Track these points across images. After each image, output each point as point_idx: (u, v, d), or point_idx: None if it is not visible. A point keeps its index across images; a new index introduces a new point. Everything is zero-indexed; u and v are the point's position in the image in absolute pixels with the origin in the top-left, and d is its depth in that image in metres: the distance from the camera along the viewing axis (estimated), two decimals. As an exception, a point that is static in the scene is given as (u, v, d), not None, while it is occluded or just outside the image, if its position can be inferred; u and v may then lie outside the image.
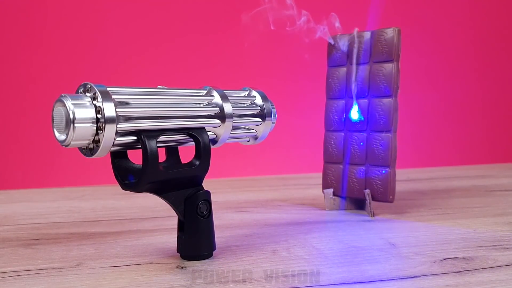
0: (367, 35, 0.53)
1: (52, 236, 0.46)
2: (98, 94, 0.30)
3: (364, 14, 0.57)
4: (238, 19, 0.87)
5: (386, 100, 0.51)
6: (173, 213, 0.37)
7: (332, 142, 0.55)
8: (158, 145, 0.34)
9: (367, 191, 0.51)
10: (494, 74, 1.00)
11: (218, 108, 0.38)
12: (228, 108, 0.38)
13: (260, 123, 0.42)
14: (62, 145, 0.31)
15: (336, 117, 0.55)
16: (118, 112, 0.31)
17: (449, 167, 0.94)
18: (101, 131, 0.30)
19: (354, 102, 0.53)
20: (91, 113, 0.30)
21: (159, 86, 0.37)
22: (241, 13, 0.88)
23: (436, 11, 0.96)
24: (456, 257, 0.37)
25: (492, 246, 0.40)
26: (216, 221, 0.39)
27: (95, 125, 0.30)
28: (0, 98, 0.78)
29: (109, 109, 0.30)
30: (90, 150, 0.32)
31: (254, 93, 0.42)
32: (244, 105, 0.41)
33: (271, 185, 0.76)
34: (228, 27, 0.86)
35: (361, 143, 0.53)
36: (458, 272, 0.34)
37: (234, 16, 0.87)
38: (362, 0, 0.63)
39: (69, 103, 0.30)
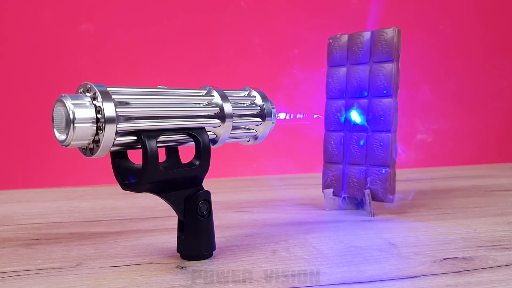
0: (367, 35, 0.53)
1: (52, 236, 0.46)
2: (98, 94, 0.30)
3: (364, 14, 0.57)
4: (238, 18, 0.87)
5: (386, 100, 0.51)
6: (173, 213, 0.37)
7: (332, 142, 0.55)
8: (158, 145, 0.34)
9: (367, 191, 0.51)
10: (494, 74, 1.00)
11: (218, 108, 0.38)
12: (228, 108, 0.38)
13: (260, 123, 0.42)
14: (62, 145, 0.31)
15: (336, 117, 0.55)
16: (118, 112, 0.31)
17: (449, 167, 0.94)
18: (101, 131, 0.30)
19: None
20: (91, 113, 0.30)
21: (159, 86, 0.37)
22: (241, 12, 0.88)
23: (436, 11, 0.96)
24: (456, 257, 0.37)
25: (492, 246, 0.40)
26: (216, 221, 0.39)
27: (95, 125, 0.31)
28: (0, 98, 0.78)
29: (109, 109, 0.30)
30: (90, 150, 0.32)
31: (254, 93, 0.42)
32: (244, 105, 0.41)
33: (271, 185, 0.76)
34: (228, 26, 0.86)
35: (361, 143, 0.53)
36: (458, 272, 0.34)
37: (234, 15, 0.87)
38: (362, 0, 0.63)
39: (69, 103, 0.30)
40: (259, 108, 0.42)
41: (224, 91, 0.39)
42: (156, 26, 0.83)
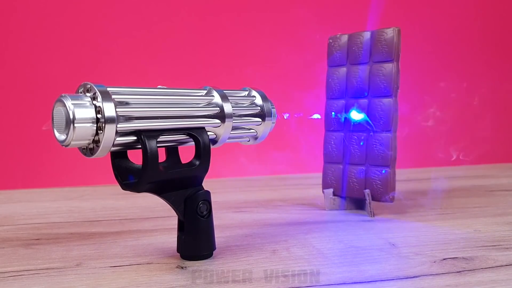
0: (367, 35, 0.53)
1: (52, 236, 0.46)
2: (98, 94, 0.30)
3: (364, 14, 0.57)
4: (238, 19, 0.87)
5: (386, 100, 0.51)
6: (173, 213, 0.37)
7: (332, 142, 0.55)
8: (158, 145, 0.34)
9: (367, 191, 0.51)
10: (494, 74, 1.00)
11: (218, 108, 0.38)
12: (228, 108, 0.38)
13: (260, 123, 0.42)
14: (62, 145, 0.31)
15: (336, 117, 0.55)
16: (118, 112, 0.31)
17: (449, 167, 0.94)
18: (101, 131, 0.30)
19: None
20: (91, 113, 0.30)
21: (159, 86, 0.37)
22: (241, 12, 0.88)
23: (437, 11, 0.96)
24: (456, 257, 0.37)
25: (492, 246, 0.40)
26: (216, 221, 0.39)
27: (95, 125, 0.30)
28: (0, 98, 0.78)
29: (109, 109, 0.30)
30: (90, 150, 0.32)
31: (254, 93, 0.42)
32: (244, 105, 0.41)
33: (271, 185, 0.76)
34: (228, 26, 0.86)
35: (361, 143, 0.53)
36: (458, 272, 0.34)
37: (234, 15, 0.87)
38: (362, 0, 0.63)
39: (69, 103, 0.30)
40: (259, 108, 0.42)
41: (224, 91, 0.39)
42: (156, 26, 0.83)
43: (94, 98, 0.31)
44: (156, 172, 0.33)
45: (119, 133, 0.32)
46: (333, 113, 0.54)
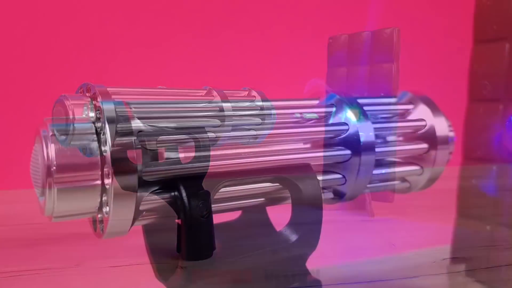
0: (367, 35, 0.53)
1: (52, 236, 0.46)
2: (98, 94, 0.31)
3: (364, 14, 0.57)
4: (238, 19, 0.87)
5: (386, 100, 0.51)
6: (172, 213, 0.37)
7: (332, 142, 0.55)
8: (158, 145, 0.34)
9: (367, 191, 0.51)
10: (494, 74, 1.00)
11: (218, 108, 0.38)
12: (228, 108, 0.38)
13: (260, 123, 0.41)
14: (62, 145, 0.31)
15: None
16: (118, 112, 0.31)
17: (449, 167, 0.94)
18: (101, 131, 0.30)
19: None
20: (91, 113, 0.30)
21: (159, 86, 0.37)
22: (241, 12, 0.88)
23: (437, 11, 0.96)
24: (456, 257, 0.37)
25: (492, 246, 0.40)
26: (216, 221, 0.39)
27: (95, 125, 0.30)
28: (0, 98, 0.78)
29: (109, 109, 0.30)
30: (90, 150, 0.32)
31: (254, 93, 0.42)
32: (244, 105, 0.40)
33: (271, 185, 0.76)
34: (228, 26, 0.86)
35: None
36: (458, 272, 0.34)
37: (234, 15, 0.87)
38: (362, 0, 0.63)
39: (69, 103, 0.30)
40: (259, 108, 0.42)
41: (224, 91, 0.39)
42: (157, 26, 0.83)
43: (94, 98, 0.31)
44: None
45: (119, 133, 0.32)
46: None
